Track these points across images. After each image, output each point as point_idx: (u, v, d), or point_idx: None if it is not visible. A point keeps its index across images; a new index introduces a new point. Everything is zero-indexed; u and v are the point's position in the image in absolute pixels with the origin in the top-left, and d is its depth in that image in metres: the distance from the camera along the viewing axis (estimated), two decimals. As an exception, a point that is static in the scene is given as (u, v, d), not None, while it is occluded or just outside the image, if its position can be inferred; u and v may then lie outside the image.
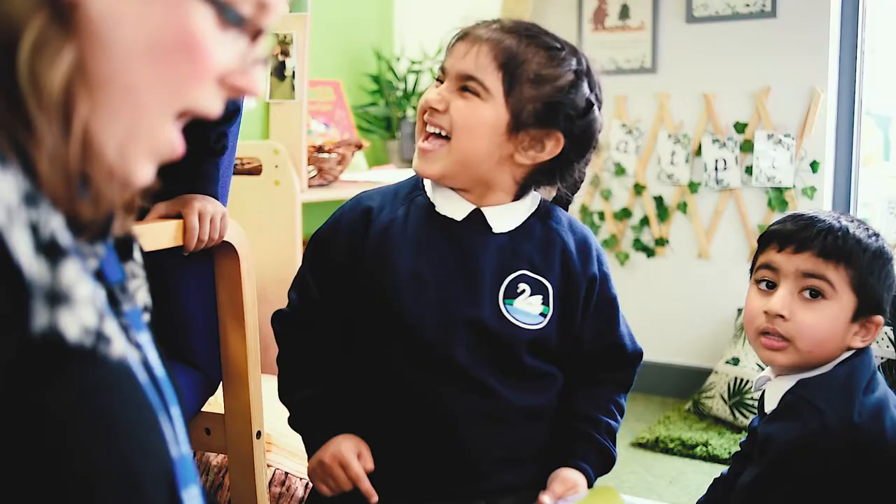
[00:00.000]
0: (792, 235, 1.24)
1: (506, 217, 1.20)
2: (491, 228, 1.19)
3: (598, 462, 1.24)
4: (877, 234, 1.27)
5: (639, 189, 3.11)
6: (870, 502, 1.17)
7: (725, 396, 2.74)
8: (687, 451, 2.56)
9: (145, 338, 0.72)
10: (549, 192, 1.28)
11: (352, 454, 1.17)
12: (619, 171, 3.13)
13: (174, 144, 0.65)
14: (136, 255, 0.77)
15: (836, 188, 2.87)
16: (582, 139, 1.17)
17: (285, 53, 2.36)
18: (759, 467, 1.20)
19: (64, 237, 0.59)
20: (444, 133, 1.16)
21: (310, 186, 2.50)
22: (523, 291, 1.17)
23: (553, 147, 1.16)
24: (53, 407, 0.57)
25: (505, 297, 1.17)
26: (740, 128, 2.90)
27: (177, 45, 0.62)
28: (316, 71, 2.87)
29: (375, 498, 1.16)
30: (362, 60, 3.21)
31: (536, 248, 1.20)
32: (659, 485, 2.37)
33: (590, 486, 1.23)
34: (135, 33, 0.60)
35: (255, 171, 2.33)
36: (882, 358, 2.46)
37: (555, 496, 1.18)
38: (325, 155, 2.54)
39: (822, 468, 1.15)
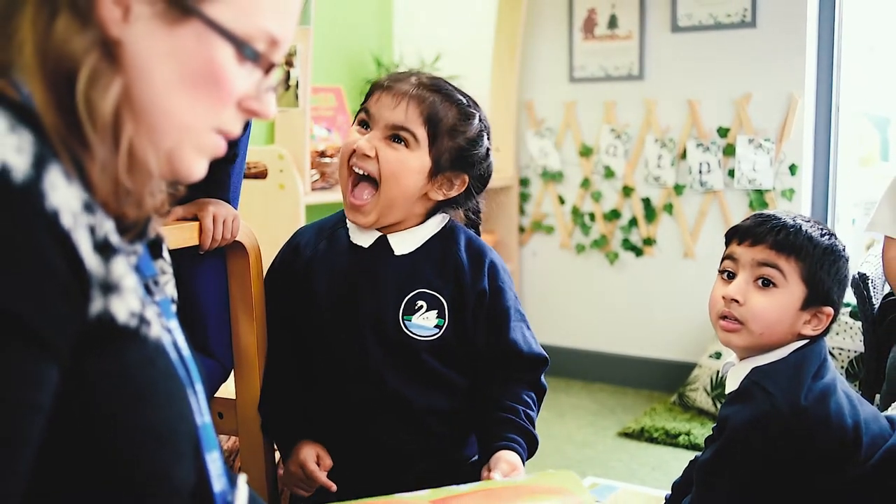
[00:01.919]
0: (750, 230, 1.38)
1: (407, 240, 1.40)
2: (393, 252, 1.39)
3: (523, 441, 1.35)
4: (831, 234, 1.39)
5: (627, 191, 3.22)
6: (816, 477, 1.29)
7: (708, 389, 2.86)
8: (670, 440, 2.68)
9: (174, 324, 0.85)
10: (459, 216, 1.48)
11: (308, 457, 1.39)
12: (609, 173, 3.24)
13: (219, 145, 0.79)
14: (165, 253, 0.90)
15: (815, 190, 2.97)
16: (483, 178, 1.42)
17: (289, 64, 2.47)
18: (717, 445, 1.33)
19: (114, 237, 0.72)
20: (371, 176, 1.35)
21: (313, 189, 2.61)
22: (421, 307, 1.37)
23: (460, 185, 1.38)
24: (107, 376, 0.70)
25: (404, 314, 1.37)
26: (723, 132, 3.01)
27: (205, 76, 0.75)
28: (318, 78, 2.96)
29: (333, 487, 1.38)
30: (363, 67, 3.30)
31: (434, 266, 1.39)
32: (642, 471, 2.49)
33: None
34: (169, 67, 0.73)
35: (261, 175, 2.43)
36: (854, 351, 2.57)
37: (503, 475, 1.27)
38: (328, 159, 2.65)
39: (772, 446, 1.27)
